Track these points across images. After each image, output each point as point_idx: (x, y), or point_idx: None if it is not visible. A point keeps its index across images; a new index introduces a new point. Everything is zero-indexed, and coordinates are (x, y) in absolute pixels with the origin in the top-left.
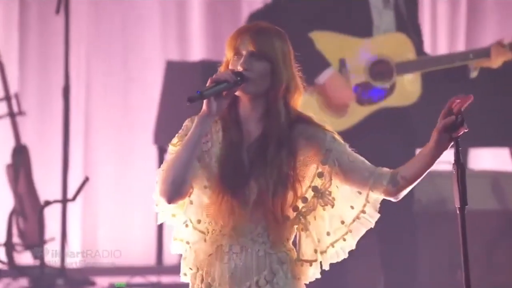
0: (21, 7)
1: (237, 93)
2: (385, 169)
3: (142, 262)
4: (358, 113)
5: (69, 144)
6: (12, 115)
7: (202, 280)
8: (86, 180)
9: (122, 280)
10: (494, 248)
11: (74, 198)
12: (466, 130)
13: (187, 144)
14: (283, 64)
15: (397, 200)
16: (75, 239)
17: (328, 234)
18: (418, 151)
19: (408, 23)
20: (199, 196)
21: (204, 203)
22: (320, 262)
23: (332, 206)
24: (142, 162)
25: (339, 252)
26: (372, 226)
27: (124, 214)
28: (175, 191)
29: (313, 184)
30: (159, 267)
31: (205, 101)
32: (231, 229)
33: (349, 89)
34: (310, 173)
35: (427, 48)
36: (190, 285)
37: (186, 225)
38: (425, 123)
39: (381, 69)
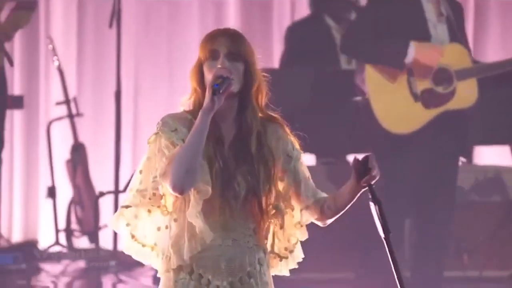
0: (79, 22)
1: None
2: (324, 195)
3: None
4: (425, 115)
5: (120, 141)
6: (71, 116)
7: (191, 272)
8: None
9: None
10: (496, 235)
11: (124, 189)
12: (375, 178)
13: (196, 135)
14: (255, 65)
15: (325, 225)
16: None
17: (290, 237)
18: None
19: (458, 34)
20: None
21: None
22: (288, 260)
23: (293, 209)
24: None
25: (299, 255)
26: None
27: None
28: (189, 181)
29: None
30: None
31: (210, 96)
32: (222, 223)
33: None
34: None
35: None
36: (170, 280)
37: (175, 220)
38: (481, 123)
39: (444, 76)
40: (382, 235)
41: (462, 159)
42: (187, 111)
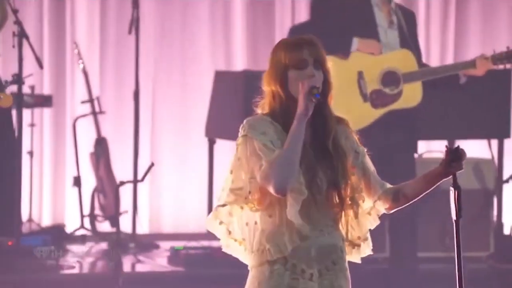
0: (101, 29)
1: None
2: (389, 185)
3: (196, 230)
4: (372, 114)
5: (138, 136)
6: (94, 114)
7: (285, 263)
8: (152, 165)
9: (180, 244)
10: (475, 219)
11: (142, 179)
12: (463, 167)
13: (295, 140)
14: (330, 72)
15: (389, 213)
16: (143, 211)
17: (362, 226)
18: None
19: (409, 40)
20: None
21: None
22: (360, 248)
23: (363, 200)
24: (196, 150)
25: (369, 245)
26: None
27: (182, 191)
28: (291, 183)
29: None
30: (210, 234)
31: (305, 104)
32: (310, 216)
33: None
34: None
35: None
36: (264, 272)
37: (270, 216)
38: (425, 120)
39: (391, 78)
40: (454, 217)
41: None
42: (264, 114)
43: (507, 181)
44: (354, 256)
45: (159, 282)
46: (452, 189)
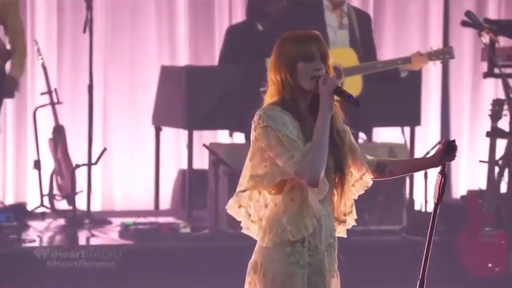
0: (59, 28)
1: (307, 89)
2: (371, 157)
3: (144, 207)
4: None
5: (92, 124)
6: (52, 104)
7: (303, 241)
8: (104, 150)
9: (130, 220)
10: (389, 197)
11: (96, 162)
12: (453, 160)
13: (323, 135)
14: (331, 67)
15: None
16: (97, 191)
17: (347, 202)
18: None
19: (359, 39)
20: None
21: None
22: (345, 224)
23: (351, 175)
24: (144, 136)
25: (354, 216)
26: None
27: (131, 173)
28: (322, 174)
29: None
30: (156, 211)
31: (331, 100)
32: (321, 198)
33: None
34: None
35: None
36: (283, 251)
37: (292, 200)
38: (364, 110)
39: (334, 72)
40: (434, 200)
41: (363, 137)
42: (273, 103)
43: None
44: (340, 231)
45: (111, 254)
46: (439, 175)
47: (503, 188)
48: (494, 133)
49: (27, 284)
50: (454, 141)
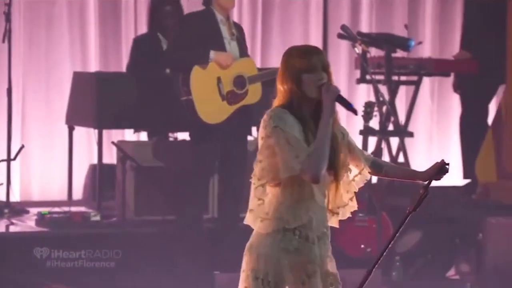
0: None
1: (311, 97)
2: (368, 155)
3: (58, 198)
4: (228, 109)
5: (11, 124)
6: None
7: (294, 230)
8: (22, 147)
9: (46, 209)
10: None
11: (15, 158)
12: (439, 180)
13: (326, 138)
14: (332, 74)
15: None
16: (16, 184)
17: (343, 196)
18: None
19: (245, 50)
20: None
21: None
22: (339, 215)
23: (350, 171)
24: (58, 134)
25: (352, 206)
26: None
27: (47, 167)
28: (324, 171)
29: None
30: (70, 201)
31: (333, 107)
32: (316, 192)
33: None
34: None
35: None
36: (276, 237)
37: (291, 193)
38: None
39: (240, 81)
40: (409, 209)
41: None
42: (280, 106)
43: None
44: (332, 221)
45: (28, 240)
46: (423, 189)
47: (374, 179)
48: (366, 132)
49: (27, 284)
50: (448, 164)
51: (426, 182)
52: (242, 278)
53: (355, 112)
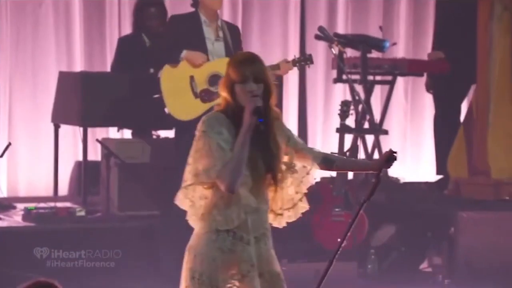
0: None
1: (244, 105)
2: (317, 150)
3: (44, 194)
4: (202, 107)
5: None
6: None
7: (228, 231)
8: (9, 144)
9: (32, 205)
10: None
11: (2, 155)
12: (389, 168)
13: (243, 150)
14: (270, 82)
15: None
16: (2, 180)
17: (291, 197)
18: None
19: (233, 49)
20: None
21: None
22: (283, 216)
23: (296, 172)
24: (44, 133)
25: (302, 207)
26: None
27: (33, 164)
28: (239, 183)
29: (283, 160)
30: (55, 197)
31: (250, 120)
32: (254, 194)
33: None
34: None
35: None
36: (210, 237)
37: (222, 196)
38: None
39: (215, 79)
40: (363, 198)
41: None
42: (219, 111)
43: None
44: (276, 222)
45: (15, 234)
46: (375, 179)
47: (350, 175)
48: (343, 130)
49: (19, 276)
50: (396, 152)
51: (377, 172)
52: (183, 278)
53: (262, 127)
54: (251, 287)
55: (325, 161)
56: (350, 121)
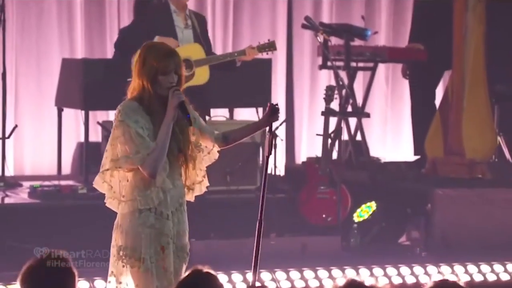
0: None
1: (163, 95)
2: (217, 132)
3: (49, 173)
4: None
5: (6, 105)
6: None
7: (150, 208)
8: (16, 126)
9: (37, 183)
10: (247, 162)
11: (9, 136)
12: (277, 120)
13: (165, 140)
14: (183, 74)
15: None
16: (10, 159)
17: (198, 173)
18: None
19: (200, 36)
20: None
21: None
22: (195, 190)
23: (202, 151)
24: (48, 115)
25: (205, 183)
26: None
27: (38, 145)
28: (159, 169)
29: (192, 140)
30: (59, 175)
31: (174, 112)
32: (169, 174)
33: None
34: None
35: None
36: (134, 216)
37: (141, 177)
38: (214, 93)
39: (187, 64)
40: (266, 154)
41: (226, 116)
42: (132, 99)
43: None
44: (189, 197)
45: (22, 211)
46: (269, 134)
47: (334, 155)
48: (327, 113)
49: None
50: (276, 104)
51: (269, 127)
52: (112, 253)
53: (190, 123)
54: (168, 262)
55: (224, 138)
56: (335, 105)
